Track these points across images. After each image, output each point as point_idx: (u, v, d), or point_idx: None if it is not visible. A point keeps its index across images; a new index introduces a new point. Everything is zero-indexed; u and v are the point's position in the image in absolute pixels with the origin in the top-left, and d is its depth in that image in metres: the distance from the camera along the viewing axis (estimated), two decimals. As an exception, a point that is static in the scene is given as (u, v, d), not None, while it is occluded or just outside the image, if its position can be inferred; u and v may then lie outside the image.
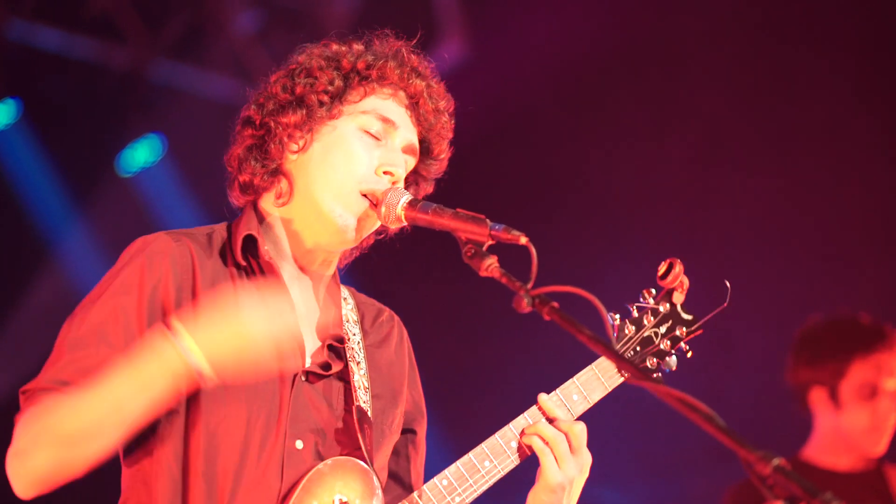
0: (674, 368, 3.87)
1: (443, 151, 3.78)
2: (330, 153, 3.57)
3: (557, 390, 3.68)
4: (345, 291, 3.78)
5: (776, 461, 2.62)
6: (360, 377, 3.62)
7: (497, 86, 8.89)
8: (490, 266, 3.21)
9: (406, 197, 3.51)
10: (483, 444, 3.61)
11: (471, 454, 3.59)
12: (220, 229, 3.63)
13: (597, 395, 3.72)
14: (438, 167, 3.82)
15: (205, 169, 7.40)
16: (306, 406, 3.48)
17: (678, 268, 3.88)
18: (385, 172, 3.57)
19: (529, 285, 3.09)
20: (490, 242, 3.27)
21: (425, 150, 3.75)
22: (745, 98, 8.61)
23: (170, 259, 3.43)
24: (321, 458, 3.45)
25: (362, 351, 3.69)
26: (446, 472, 3.58)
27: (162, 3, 8.72)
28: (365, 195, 3.56)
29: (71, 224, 8.85)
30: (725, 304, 3.99)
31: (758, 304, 8.49)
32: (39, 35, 8.49)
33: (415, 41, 3.76)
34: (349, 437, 3.53)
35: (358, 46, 3.69)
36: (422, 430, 3.89)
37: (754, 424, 6.94)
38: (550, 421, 3.62)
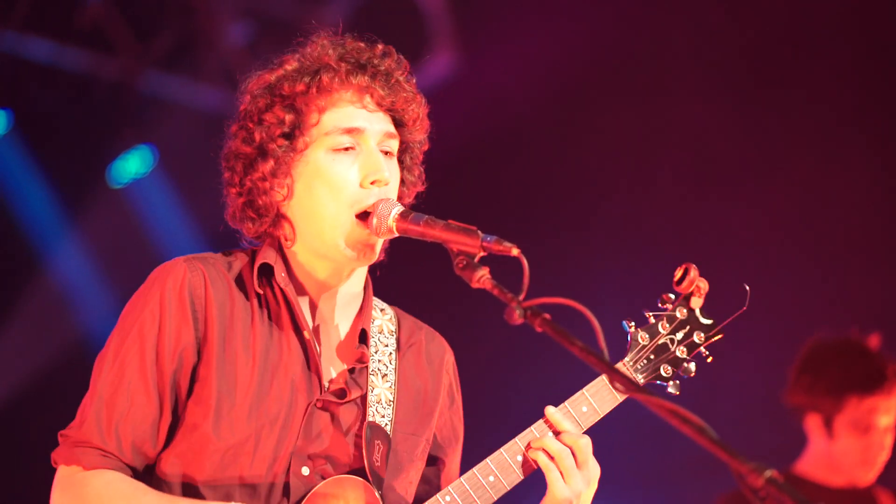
0: (692, 375, 3.81)
1: (417, 116, 3.69)
2: (313, 188, 3.54)
3: (566, 402, 3.64)
4: (383, 304, 3.78)
5: (768, 473, 2.62)
6: (382, 390, 3.61)
7: (488, 98, 8.90)
8: (482, 278, 3.20)
9: (397, 209, 3.50)
10: (488, 459, 3.57)
11: (475, 469, 3.56)
12: (241, 256, 3.64)
13: (608, 406, 3.67)
14: (421, 129, 3.74)
15: (196, 180, 7.40)
16: (319, 434, 3.50)
17: (693, 272, 3.80)
18: (371, 182, 3.54)
19: (521, 297, 3.09)
20: (482, 254, 3.25)
21: (398, 121, 3.68)
22: (737, 111, 8.62)
23: (187, 290, 3.48)
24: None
25: (393, 363, 3.68)
26: (450, 488, 3.55)
27: (152, 15, 8.72)
28: (359, 216, 3.53)
29: (62, 235, 8.84)
30: (745, 308, 3.94)
31: (751, 317, 8.49)
32: (30, 46, 8.48)
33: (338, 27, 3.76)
34: (359, 457, 3.54)
35: (290, 65, 3.64)
36: (454, 456, 3.85)
37: (747, 437, 6.94)
38: (557, 434, 3.57)
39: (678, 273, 3.80)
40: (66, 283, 8.67)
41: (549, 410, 3.61)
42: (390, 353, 3.68)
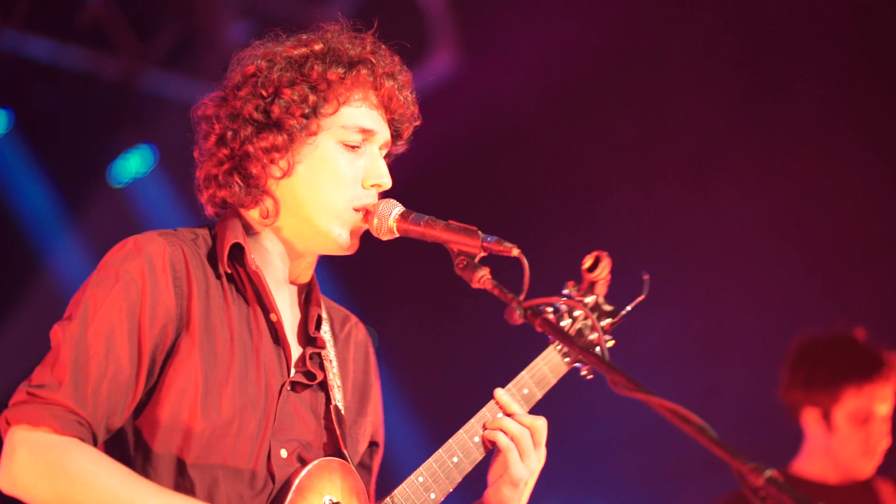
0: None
1: (410, 134, 3.76)
2: (317, 175, 3.54)
3: (511, 384, 3.78)
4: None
5: (768, 473, 2.62)
6: (334, 375, 3.65)
7: (488, 98, 8.91)
8: (482, 278, 3.22)
9: (398, 209, 3.50)
10: (451, 441, 3.67)
11: (441, 450, 3.65)
12: (203, 234, 3.61)
13: (546, 388, 3.84)
14: (406, 146, 3.80)
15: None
16: (291, 416, 3.49)
17: (605, 260, 3.92)
18: (372, 185, 3.56)
19: (521, 297, 3.10)
20: (482, 254, 3.27)
21: (395, 133, 3.73)
22: (737, 109, 8.63)
23: (169, 263, 3.42)
24: (304, 464, 3.46)
25: (333, 349, 3.72)
26: (421, 468, 3.62)
27: (153, 14, 8.72)
28: (358, 210, 3.55)
29: (62, 234, 8.84)
30: (643, 297, 3.98)
31: (749, 314, 8.50)
32: (31, 45, 8.47)
33: (373, 31, 3.72)
34: (332, 441, 3.56)
35: (317, 45, 3.63)
36: (382, 439, 3.93)
37: (744, 436, 6.94)
38: (507, 415, 3.70)
39: (589, 260, 3.92)
40: (66, 282, 8.66)
41: (499, 393, 3.74)
42: (329, 340, 3.71)
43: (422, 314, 9.01)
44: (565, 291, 3.98)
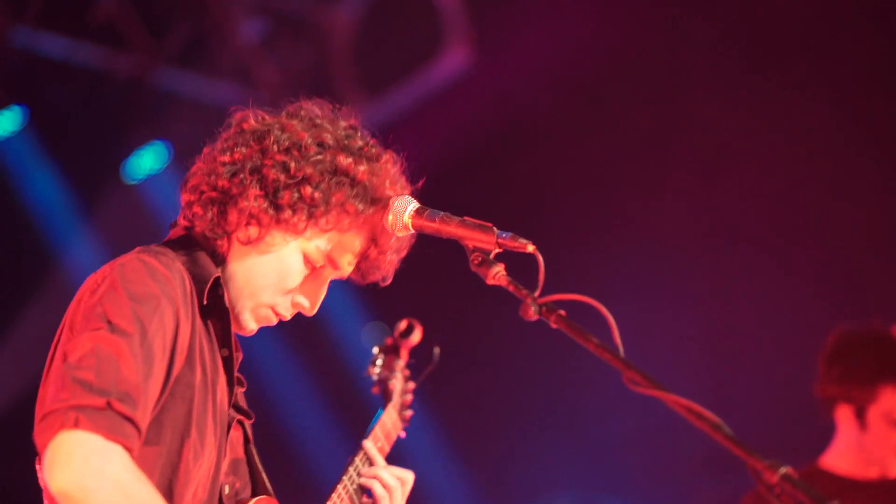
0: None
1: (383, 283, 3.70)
2: (267, 265, 3.46)
3: (370, 439, 4.11)
4: None
5: (783, 469, 2.63)
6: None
7: (502, 94, 8.91)
8: (497, 274, 3.22)
9: (413, 205, 3.47)
10: (339, 488, 3.93)
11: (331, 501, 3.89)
12: (175, 257, 3.44)
13: (392, 442, 4.23)
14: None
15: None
16: (232, 451, 3.53)
17: (417, 328, 4.38)
18: (294, 304, 3.52)
19: (536, 293, 3.10)
20: (497, 250, 3.26)
21: (356, 272, 3.64)
22: (749, 106, 8.62)
23: (189, 289, 3.34)
24: (243, 500, 3.52)
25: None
26: None
27: (166, 11, 8.73)
28: (272, 311, 3.52)
29: (76, 231, 8.86)
30: (432, 367, 4.40)
31: (766, 312, 8.49)
32: (44, 42, 8.49)
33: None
34: (255, 477, 3.62)
35: (363, 166, 3.47)
36: None
37: (764, 433, 6.93)
38: (372, 466, 4.03)
39: (403, 325, 4.38)
40: (80, 279, 8.65)
41: (367, 445, 4.06)
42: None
43: (433, 311, 9.00)
44: (375, 351, 4.43)
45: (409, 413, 4.40)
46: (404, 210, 3.46)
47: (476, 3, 8.94)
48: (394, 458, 4.12)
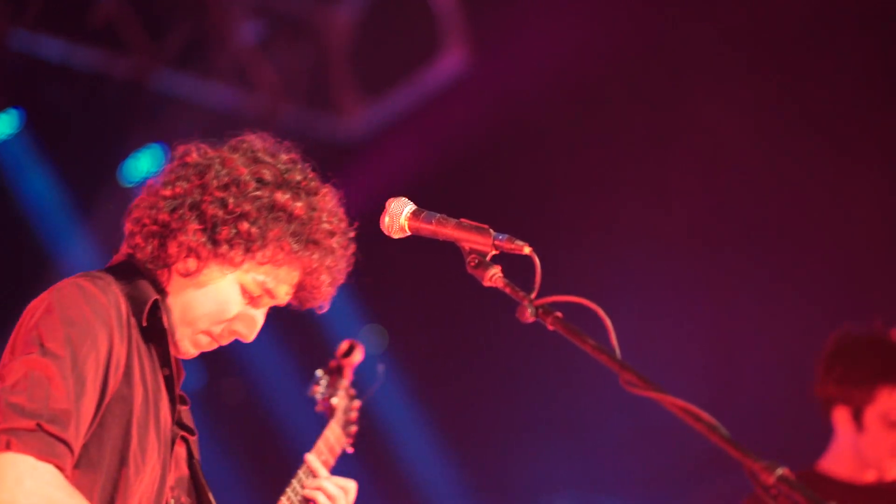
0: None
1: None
2: (205, 296, 3.53)
3: (314, 452, 4.19)
4: None
5: (780, 471, 2.62)
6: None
7: (500, 95, 8.91)
8: (494, 276, 3.21)
9: (409, 207, 3.45)
10: (283, 499, 4.00)
11: None
12: (113, 281, 3.51)
13: (336, 456, 4.29)
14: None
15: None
16: (176, 467, 3.58)
17: (359, 349, 4.52)
18: (231, 332, 3.58)
19: (533, 295, 3.10)
20: (494, 252, 3.25)
21: (293, 299, 3.70)
22: (750, 108, 8.62)
23: (123, 310, 3.40)
24: None
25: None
26: None
27: (165, 13, 8.73)
28: (210, 335, 3.57)
29: (73, 234, 8.86)
30: (378, 384, 4.59)
31: (765, 313, 8.49)
32: (42, 45, 8.49)
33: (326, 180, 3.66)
34: (199, 493, 3.67)
35: (300, 203, 3.55)
36: None
37: (763, 435, 6.93)
38: (315, 477, 4.09)
39: (345, 346, 4.53)
40: (78, 282, 8.67)
41: (310, 458, 4.13)
42: None
43: (431, 313, 9.01)
44: (319, 373, 4.52)
45: (354, 429, 4.48)
46: (401, 212, 3.46)
47: (474, 4, 8.95)
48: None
